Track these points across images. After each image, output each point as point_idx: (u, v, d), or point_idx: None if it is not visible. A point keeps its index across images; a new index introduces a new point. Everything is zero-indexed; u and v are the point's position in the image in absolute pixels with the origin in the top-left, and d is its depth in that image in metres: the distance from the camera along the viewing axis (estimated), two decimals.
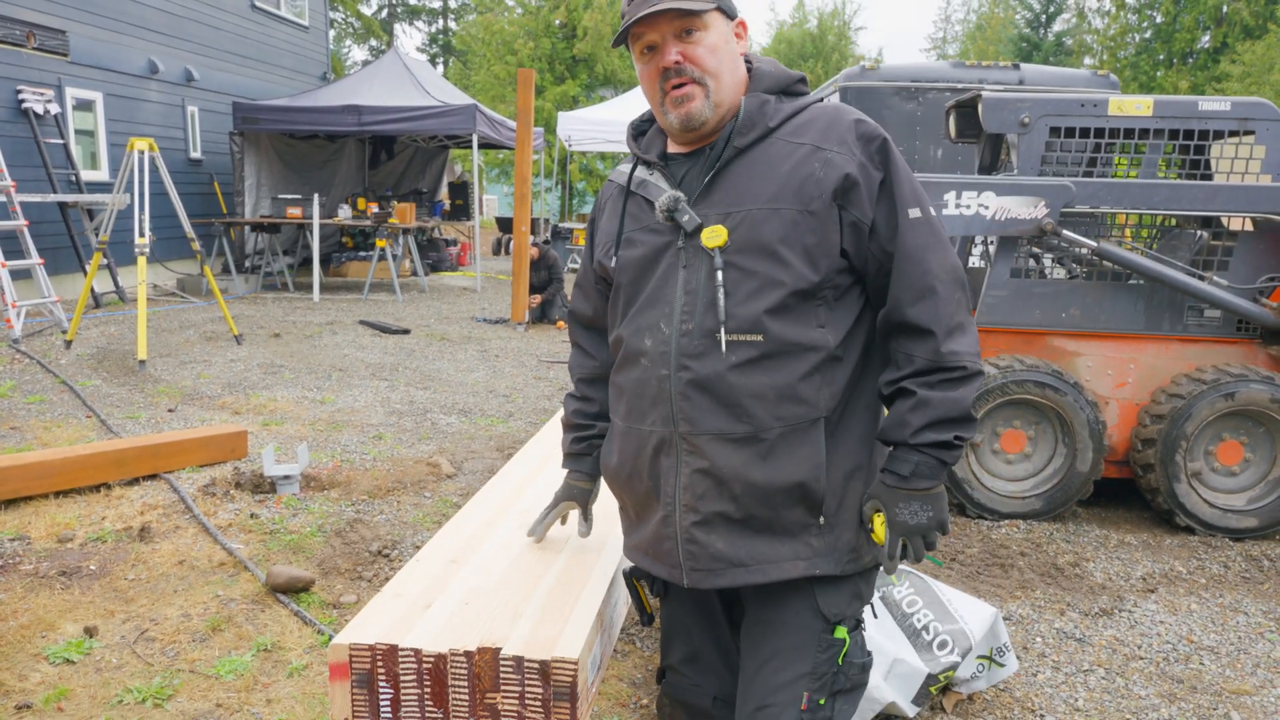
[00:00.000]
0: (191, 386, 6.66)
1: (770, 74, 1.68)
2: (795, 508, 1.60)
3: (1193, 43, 25.61)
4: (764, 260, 1.56)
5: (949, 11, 53.69)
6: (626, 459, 1.71)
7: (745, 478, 1.58)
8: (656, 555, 1.68)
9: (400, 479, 4.78)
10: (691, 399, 1.58)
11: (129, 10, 11.66)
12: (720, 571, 1.61)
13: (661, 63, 1.59)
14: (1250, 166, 4.44)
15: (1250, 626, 3.55)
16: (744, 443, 1.57)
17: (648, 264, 1.66)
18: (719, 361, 1.56)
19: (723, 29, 1.62)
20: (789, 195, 1.56)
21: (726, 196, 1.60)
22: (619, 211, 1.74)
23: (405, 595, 1.85)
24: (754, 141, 1.62)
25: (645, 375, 1.64)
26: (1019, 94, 4.60)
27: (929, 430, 1.56)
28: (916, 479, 1.58)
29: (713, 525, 1.61)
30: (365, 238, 14.82)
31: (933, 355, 1.56)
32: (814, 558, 1.62)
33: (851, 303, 1.64)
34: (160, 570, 3.63)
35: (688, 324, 1.58)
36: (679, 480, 1.62)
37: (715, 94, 1.60)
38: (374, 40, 34.57)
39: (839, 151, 1.57)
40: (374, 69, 13.90)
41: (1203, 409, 4.29)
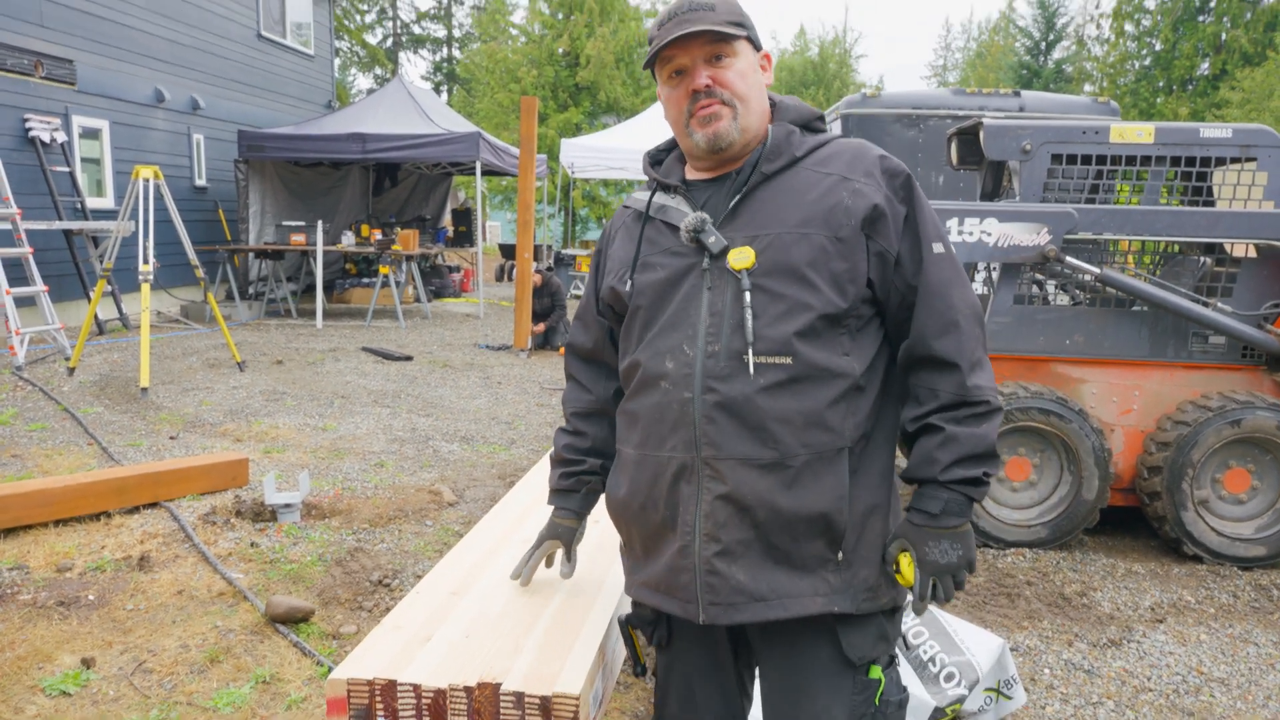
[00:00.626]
0: (194, 414, 6.65)
1: (794, 108, 1.71)
2: (816, 540, 1.57)
3: (1192, 70, 25.77)
4: (792, 283, 1.55)
5: (949, 40, 54.16)
6: (640, 489, 1.65)
7: (770, 504, 1.54)
8: (670, 590, 1.62)
9: (402, 507, 4.75)
10: (717, 422, 1.55)
11: (136, 40, 11.77)
12: (740, 606, 1.56)
13: (691, 85, 1.61)
14: (1253, 193, 4.44)
15: (1261, 657, 3.50)
16: (769, 469, 1.54)
17: (668, 287, 1.63)
18: (747, 384, 1.54)
19: (751, 58, 1.65)
20: (818, 221, 1.56)
21: (753, 220, 1.60)
22: (635, 237, 1.71)
23: (405, 628, 1.82)
24: (781, 169, 1.62)
25: (666, 399, 1.60)
26: (1020, 121, 4.61)
27: (958, 466, 1.56)
28: (946, 516, 1.56)
29: (734, 555, 1.56)
30: (369, 264, 14.87)
31: (958, 389, 1.57)
32: (831, 594, 1.58)
33: (872, 334, 1.63)
34: (159, 600, 3.61)
35: (714, 345, 1.56)
36: (700, 508, 1.57)
37: (743, 117, 1.61)
38: (379, 69, 34.84)
39: (866, 183, 1.59)
40: (378, 97, 14.00)
41: (1209, 436, 4.26)
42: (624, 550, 1.78)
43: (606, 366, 1.87)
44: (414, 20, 37.35)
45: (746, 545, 1.56)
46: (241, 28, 14.26)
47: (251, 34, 14.56)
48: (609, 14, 24.04)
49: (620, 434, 1.74)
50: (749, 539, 1.56)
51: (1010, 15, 36.81)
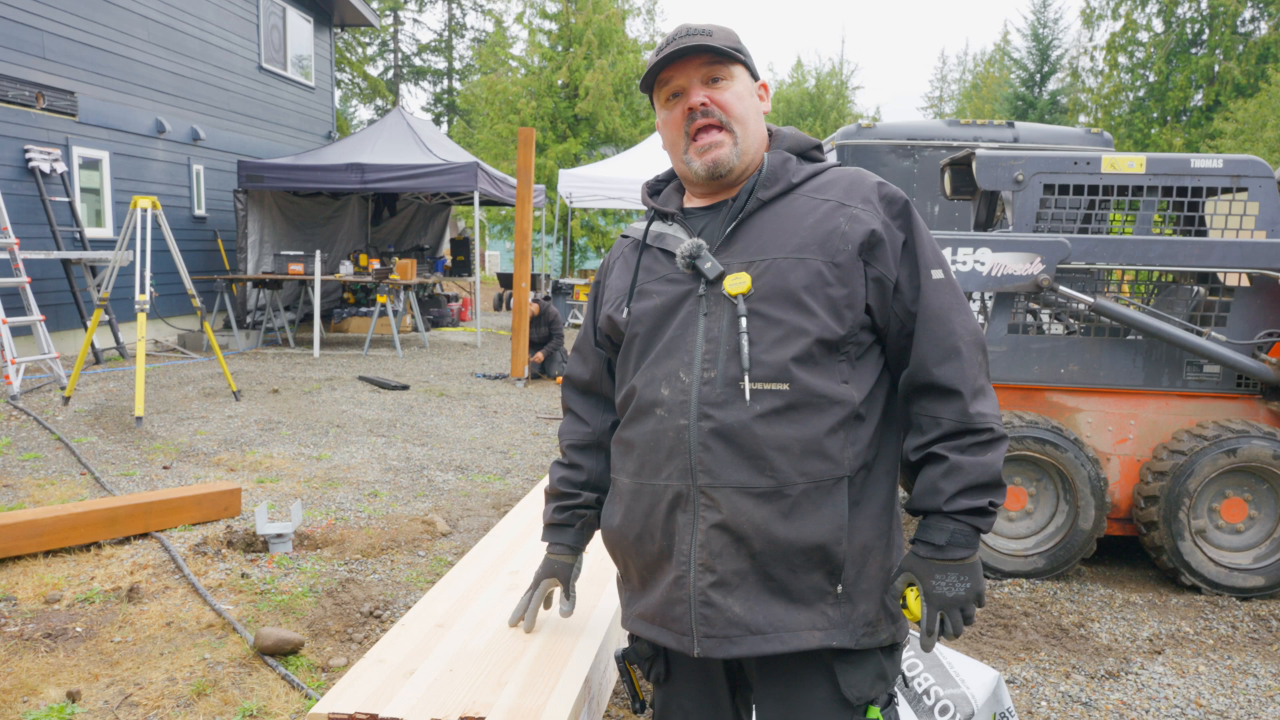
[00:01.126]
0: (188, 443, 6.63)
1: (790, 136, 1.72)
2: (814, 572, 1.54)
3: (1186, 101, 26.00)
4: (789, 309, 1.53)
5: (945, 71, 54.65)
6: (635, 519, 1.62)
7: (767, 533, 1.51)
8: (665, 622, 1.58)
9: (394, 537, 4.72)
10: (713, 449, 1.52)
11: (138, 72, 11.87)
12: (736, 639, 1.52)
13: (688, 104, 1.61)
14: (1244, 223, 4.45)
15: (1260, 689, 3.46)
16: (766, 497, 1.51)
17: (665, 313, 1.62)
18: (743, 410, 1.51)
19: (747, 83, 1.66)
20: (815, 246, 1.56)
21: (750, 246, 1.59)
22: (632, 265, 1.71)
23: (388, 661, 1.80)
24: (778, 195, 1.62)
25: (661, 426, 1.57)
26: (1012, 152, 4.64)
27: (963, 496, 1.53)
28: (953, 548, 1.53)
29: (730, 587, 1.53)
30: (367, 294, 14.90)
31: (960, 417, 1.54)
32: (830, 629, 1.54)
33: (872, 363, 1.61)
34: (147, 632, 3.57)
35: (710, 372, 1.54)
36: (695, 538, 1.54)
37: (742, 141, 1.62)
38: (380, 100, 35.15)
39: (863, 209, 1.58)
40: (377, 128, 14.10)
41: (1205, 465, 4.24)
42: (620, 582, 1.74)
43: (604, 399, 1.85)
44: (415, 52, 37.74)
45: (742, 576, 1.53)
46: (243, 60, 14.39)
47: (253, 66, 14.69)
48: (608, 46, 24.28)
49: (615, 463, 1.71)
50: (745, 569, 1.53)
51: (1005, 48, 37.20)
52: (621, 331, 1.69)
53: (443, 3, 37.38)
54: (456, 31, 37.78)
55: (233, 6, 14.06)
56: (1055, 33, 33.45)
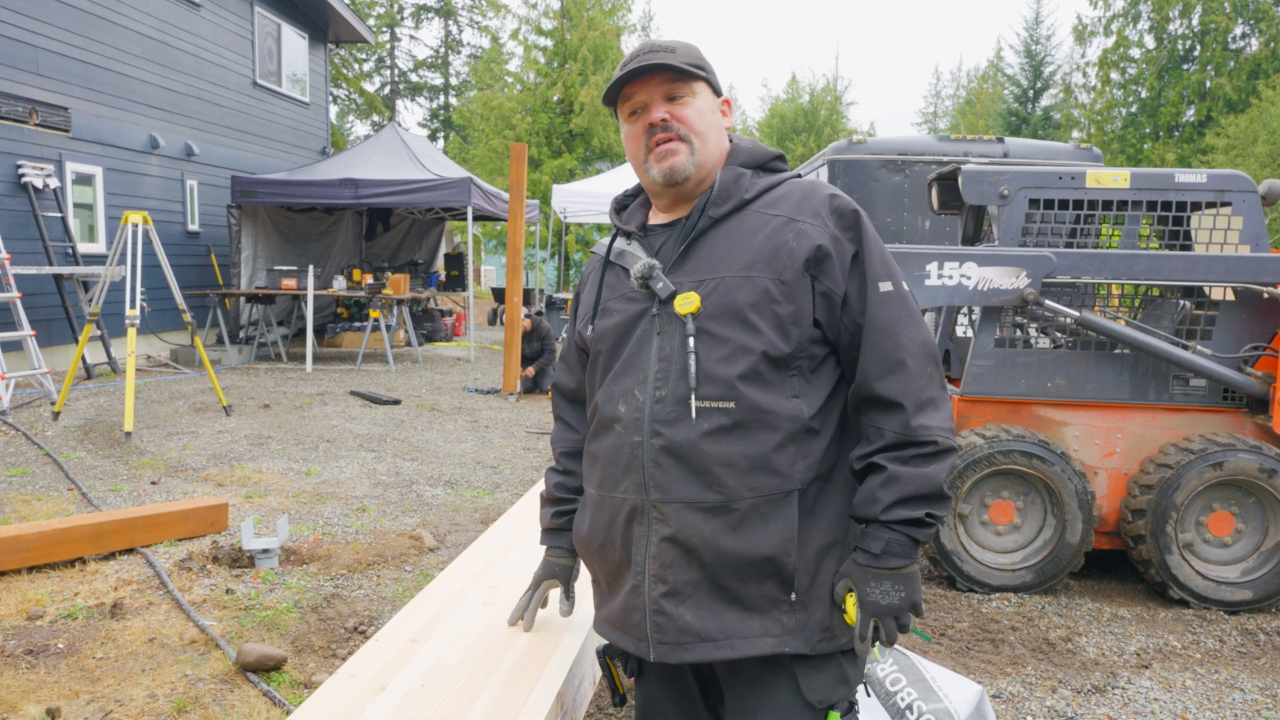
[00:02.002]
0: (177, 458, 6.61)
1: (747, 149, 1.71)
2: (765, 582, 1.57)
3: (1178, 116, 26.15)
4: (735, 327, 1.56)
5: (939, 87, 54.92)
6: (599, 528, 1.68)
7: (715, 546, 1.55)
8: (624, 628, 1.64)
9: (381, 552, 4.71)
10: (663, 466, 1.56)
11: (132, 88, 11.90)
12: (688, 646, 1.57)
13: (648, 119, 1.64)
14: (1229, 237, 4.47)
15: (1247, 704, 3.45)
16: (715, 512, 1.55)
17: (624, 332, 1.66)
18: (690, 428, 1.55)
19: (709, 100, 1.67)
20: (762, 264, 1.57)
21: (701, 265, 1.61)
22: (598, 282, 1.75)
23: (360, 677, 1.79)
24: (729, 212, 1.63)
25: (619, 442, 1.62)
26: (998, 167, 4.66)
27: (899, 507, 1.54)
28: (888, 557, 1.54)
29: (681, 596, 1.57)
30: (360, 308, 14.89)
31: (902, 429, 1.55)
32: (784, 635, 1.57)
33: (827, 375, 1.63)
34: (129, 649, 3.55)
35: (661, 390, 1.58)
36: (649, 549, 1.59)
37: (699, 153, 1.64)
38: (376, 115, 35.24)
39: (812, 223, 1.59)
40: (371, 143, 14.14)
41: (1191, 479, 4.24)
42: (594, 586, 1.80)
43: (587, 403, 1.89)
44: (411, 69, 37.88)
45: (694, 586, 1.57)
46: (238, 76, 14.44)
47: (247, 82, 14.73)
48: (602, 62, 24.38)
49: (585, 473, 1.77)
50: (696, 579, 1.57)
51: (998, 64, 37.40)
52: (588, 347, 1.74)
53: (439, 19, 37.50)
54: (453, 48, 37.95)
55: (227, 23, 14.11)
56: (1048, 49, 33.65)
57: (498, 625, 2.05)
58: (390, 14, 35.48)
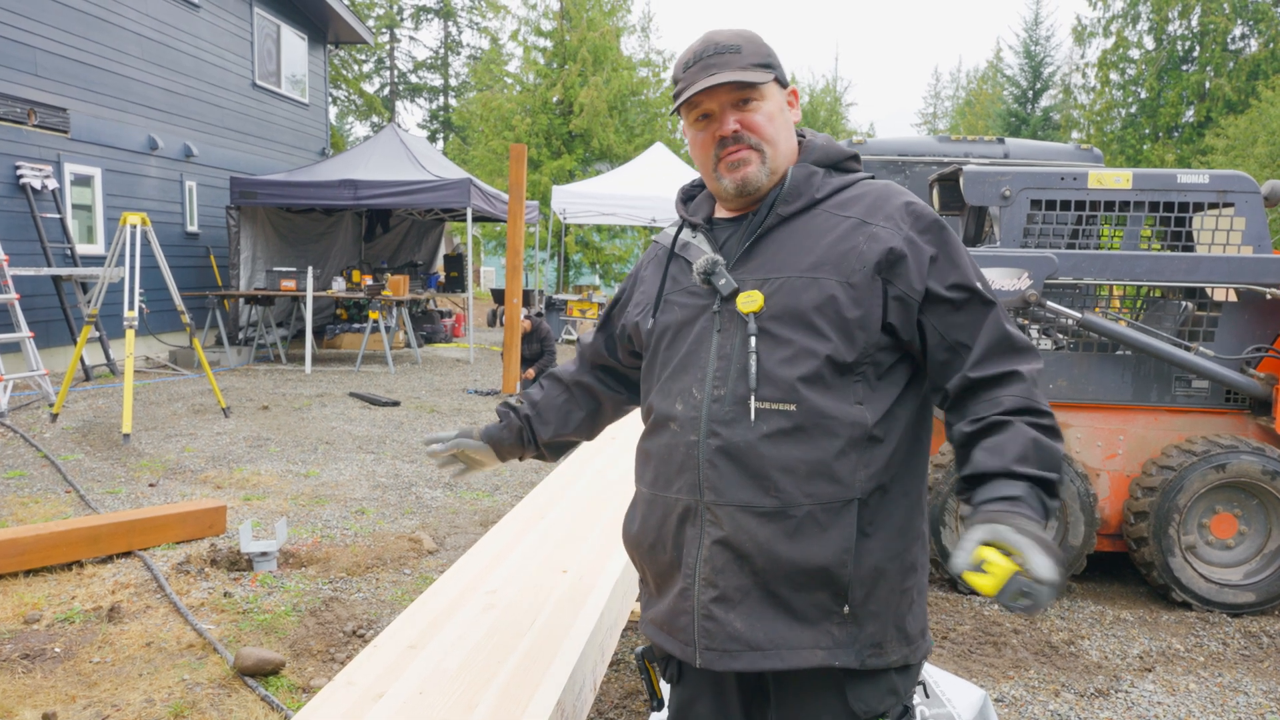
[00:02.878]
0: (175, 460, 6.59)
1: (821, 147, 1.67)
2: (818, 591, 1.51)
3: (1177, 117, 26.14)
4: (799, 329, 1.51)
5: (939, 88, 54.92)
6: (650, 528, 1.63)
7: (769, 553, 1.50)
8: (671, 631, 1.60)
9: (380, 555, 4.68)
10: (719, 467, 1.52)
11: (131, 89, 11.88)
12: (736, 654, 1.52)
13: (719, 131, 1.59)
14: (1231, 238, 4.45)
15: (1251, 707, 3.43)
16: (770, 517, 1.50)
17: (683, 328, 1.62)
18: (748, 430, 1.50)
19: (778, 98, 1.62)
20: (829, 266, 1.53)
21: (766, 263, 1.57)
22: (661, 274, 1.71)
23: (358, 684, 1.77)
24: (799, 211, 1.59)
25: (674, 441, 1.58)
26: (1000, 168, 4.64)
27: (1030, 463, 1.43)
28: (1027, 506, 1.40)
29: (732, 602, 1.52)
30: (359, 310, 14.87)
31: (1025, 394, 1.49)
32: (834, 648, 1.51)
33: (893, 383, 1.57)
34: (127, 653, 3.53)
35: (720, 390, 1.54)
36: (700, 552, 1.54)
37: (771, 160, 1.59)
38: (376, 117, 35.23)
39: (885, 226, 1.54)
40: (371, 144, 14.11)
41: (1194, 481, 4.23)
42: (641, 585, 1.77)
43: (591, 364, 1.98)
44: (411, 70, 37.87)
45: (745, 592, 1.52)
46: (237, 77, 14.42)
47: (246, 83, 14.71)
48: (602, 63, 24.36)
49: (636, 471, 1.73)
50: (747, 585, 1.52)
51: (998, 65, 37.40)
52: (644, 341, 1.71)
53: (439, 20, 37.50)
54: (452, 49, 37.95)
55: (226, 24, 14.09)
56: (1047, 50, 33.64)
57: (498, 631, 2.03)
58: (390, 15, 35.47)
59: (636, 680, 3.48)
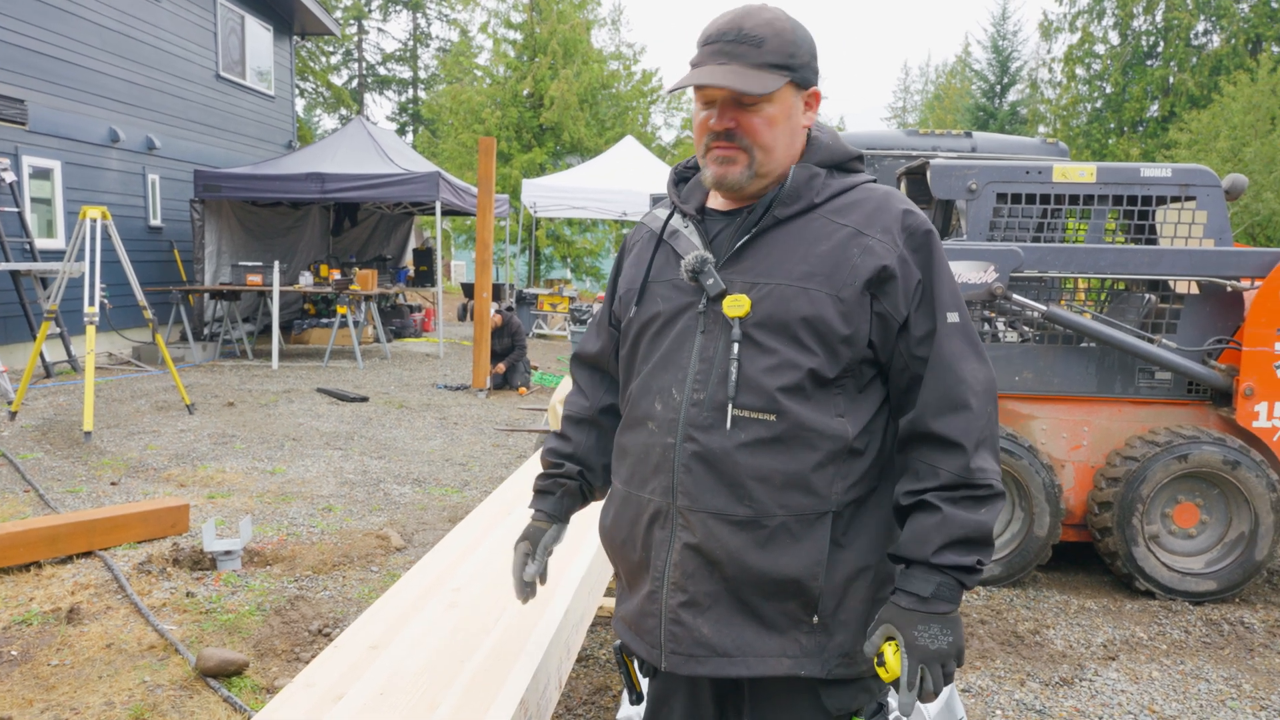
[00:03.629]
0: (138, 458, 6.48)
1: (826, 147, 1.60)
2: (788, 601, 1.50)
3: (1142, 112, 26.49)
4: (783, 339, 1.48)
5: (908, 82, 55.22)
6: (622, 525, 1.62)
7: (740, 561, 1.49)
8: (639, 631, 1.59)
9: (347, 553, 4.63)
10: (694, 472, 1.50)
11: (91, 80, 11.65)
12: (702, 659, 1.52)
13: (714, 125, 1.53)
14: (1193, 231, 4.51)
15: (1212, 694, 3.48)
16: (742, 526, 1.48)
17: (666, 323, 1.58)
18: (725, 437, 1.48)
19: (788, 102, 1.53)
20: (821, 277, 1.49)
21: (756, 266, 1.52)
22: (647, 259, 1.65)
23: (317, 685, 1.74)
24: (796, 214, 1.54)
25: (650, 441, 1.56)
26: (966, 161, 4.66)
27: (952, 551, 1.46)
28: (938, 601, 1.46)
29: (700, 607, 1.51)
30: (327, 304, 14.71)
31: (961, 470, 1.47)
32: (801, 657, 1.51)
33: (873, 395, 1.55)
34: (86, 655, 3.46)
35: (699, 394, 1.51)
36: (670, 556, 1.53)
37: (760, 165, 1.53)
38: (344, 109, 34.84)
39: (880, 240, 1.51)
40: (338, 137, 13.95)
41: (1157, 471, 4.28)
42: (615, 579, 1.74)
43: (607, 376, 1.83)
44: (379, 62, 37.49)
45: (714, 598, 1.51)
46: (200, 69, 14.19)
47: (210, 74, 14.49)
48: (572, 56, 24.25)
49: (614, 465, 1.70)
50: (717, 591, 1.51)
51: (966, 59, 37.71)
52: (625, 329, 1.67)
53: (407, 12, 37.13)
54: (421, 41, 37.61)
55: (189, 14, 13.86)
56: (1014, 45, 33.95)
57: (461, 630, 2.00)
58: (357, 6, 35.09)
59: (605, 676, 3.47)
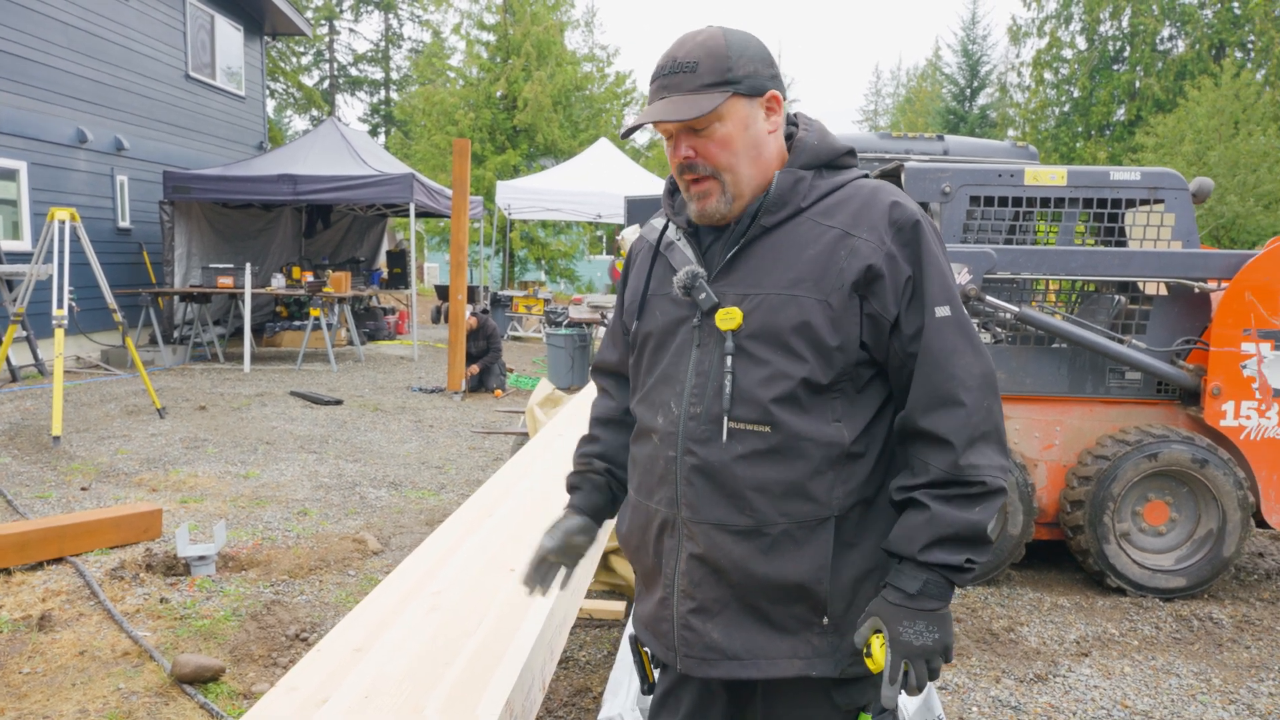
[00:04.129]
0: (108, 463, 6.40)
1: (810, 149, 1.58)
2: (796, 605, 1.52)
3: (1109, 116, 26.87)
4: (775, 350, 1.48)
5: (879, 86, 55.70)
6: (635, 531, 1.66)
7: (745, 569, 1.50)
8: (655, 634, 1.63)
9: (324, 557, 4.60)
10: (695, 485, 1.52)
11: (58, 79, 11.49)
12: (714, 662, 1.54)
13: (675, 157, 1.55)
14: (1162, 233, 4.58)
15: (1183, 689, 3.54)
16: (745, 535, 1.50)
17: (665, 336, 1.61)
18: (722, 450, 1.50)
19: (741, 115, 1.52)
20: (809, 283, 1.48)
21: (746, 277, 1.53)
22: (646, 272, 1.67)
23: (300, 689, 1.73)
24: (783, 220, 1.54)
25: (655, 453, 1.59)
26: (940, 164, 4.71)
27: (939, 549, 1.45)
28: (924, 598, 1.46)
29: (710, 614, 1.54)
30: (300, 307, 14.59)
31: (950, 468, 1.46)
32: (813, 657, 1.52)
33: (872, 396, 1.55)
34: (58, 662, 3.42)
35: (696, 407, 1.53)
36: (678, 565, 1.56)
37: (732, 187, 1.53)
38: (315, 110, 34.57)
39: (867, 239, 1.49)
40: (310, 138, 13.84)
41: (1127, 470, 4.34)
42: (635, 577, 1.76)
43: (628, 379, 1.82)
44: (351, 62, 37.25)
45: (723, 604, 1.54)
46: (169, 68, 14.03)
47: (179, 74, 14.32)
48: (546, 58, 24.22)
49: (628, 472, 1.73)
50: (726, 598, 1.53)
51: (937, 63, 38.06)
52: (631, 341, 1.72)
53: (379, 13, 36.91)
54: (393, 42, 37.40)
55: (157, 13, 13.70)
56: (984, 49, 34.32)
57: (444, 633, 2.00)
58: (329, 6, 34.84)
59: (586, 678, 3.47)
